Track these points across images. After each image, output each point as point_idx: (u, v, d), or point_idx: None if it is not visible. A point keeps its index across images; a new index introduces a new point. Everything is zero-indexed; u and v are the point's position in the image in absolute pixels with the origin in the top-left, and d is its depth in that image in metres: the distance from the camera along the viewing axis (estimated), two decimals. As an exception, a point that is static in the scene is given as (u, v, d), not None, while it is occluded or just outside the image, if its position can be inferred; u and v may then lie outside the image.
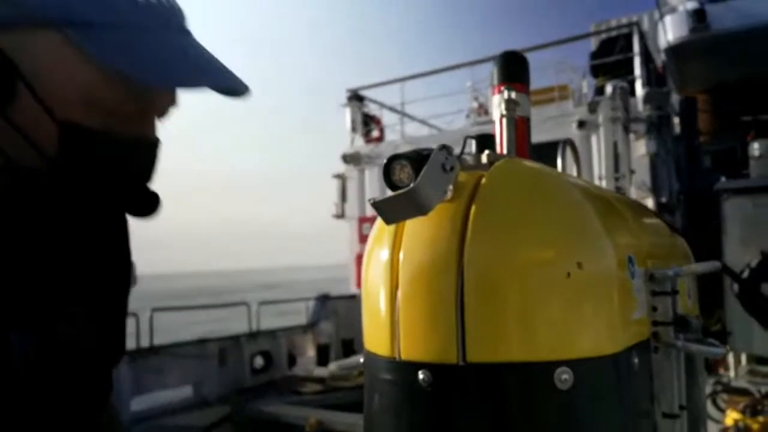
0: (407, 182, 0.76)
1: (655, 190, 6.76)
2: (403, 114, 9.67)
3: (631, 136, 6.90)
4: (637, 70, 7.22)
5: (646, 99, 6.82)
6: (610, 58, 7.86)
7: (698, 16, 8.35)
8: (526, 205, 0.81)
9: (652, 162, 6.76)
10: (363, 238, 8.95)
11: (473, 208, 0.80)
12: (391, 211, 0.76)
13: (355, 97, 9.44)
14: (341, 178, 9.57)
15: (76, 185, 0.61)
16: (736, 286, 2.48)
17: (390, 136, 9.74)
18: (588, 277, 0.79)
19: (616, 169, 2.88)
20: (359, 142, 9.48)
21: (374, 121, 9.74)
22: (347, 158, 9.21)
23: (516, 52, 1.10)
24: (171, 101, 0.70)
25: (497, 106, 1.07)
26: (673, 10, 8.73)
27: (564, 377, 0.75)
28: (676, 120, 8.78)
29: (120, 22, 0.60)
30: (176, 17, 0.67)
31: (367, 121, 9.54)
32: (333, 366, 6.12)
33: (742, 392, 3.84)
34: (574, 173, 1.55)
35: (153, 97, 0.67)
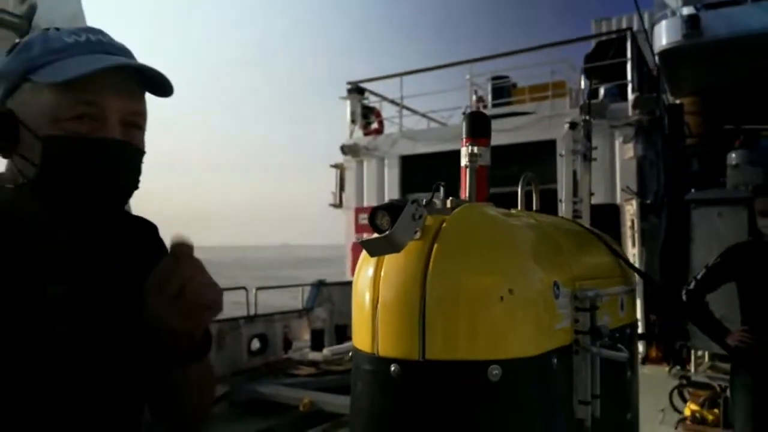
0: (386, 227, 1.04)
1: (641, 192, 7.03)
2: (402, 107, 9.90)
3: (620, 139, 7.18)
4: (629, 75, 7.46)
5: (635, 104, 7.07)
6: (603, 62, 8.10)
7: (692, 22, 8.59)
8: (475, 245, 1.10)
9: (639, 165, 7.03)
10: (359, 228, 9.20)
11: (435, 246, 1.08)
12: (374, 248, 1.04)
13: (356, 90, 9.68)
14: (339, 168, 9.82)
15: (56, 177, 0.86)
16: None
17: (389, 129, 9.99)
18: (517, 299, 1.07)
19: (575, 194, 3.18)
20: (358, 134, 9.73)
21: (374, 114, 9.97)
22: (346, 149, 9.46)
23: (480, 113, 1.39)
24: (127, 111, 0.91)
25: (464, 157, 1.35)
26: (667, 15, 8.96)
27: (494, 372, 1.04)
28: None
29: (57, 57, 0.88)
30: (102, 43, 0.92)
31: (366, 113, 9.78)
32: (326, 351, 6.45)
33: (705, 386, 4.16)
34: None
35: (102, 103, 0.88)
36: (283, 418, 4.75)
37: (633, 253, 6.52)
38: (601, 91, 7.73)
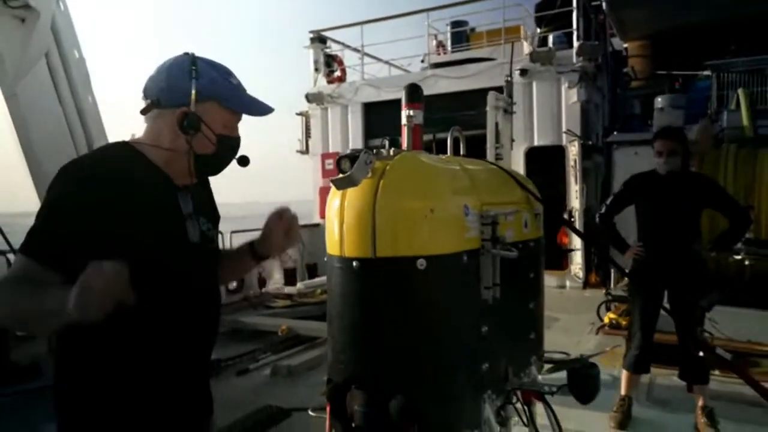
0: (348, 170, 1.56)
1: (585, 134, 7.64)
2: (364, 54, 10.20)
3: (565, 85, 7.72)
4: (574, 23, 7.90)
5: (579, 51, 7.57)
6: (552, 12, 8.52)
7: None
8: (408, 180, 1.63)
9: (583, 109, 7.60)
10: (326, 173, 9.65)
11: (381, 182, 1.60)
12: (340, 184, 1.57)
13: (318, 39, 9.92)
14: (304, 116, 10.16)
15: (221, 155, 1.52)
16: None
17: (351, 76, 10.31)
18: (436, 216, 1.60)
19: (497, 140, 3.73)
20: (322, 82, 10.03)
21: (336, 62, 10.25)
22: (310, 97, 9.78)
23: (415, 85, 1.89)
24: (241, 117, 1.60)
25: (403, 118, 1.86)
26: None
27: (421, 263, 1.57)
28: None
29: (232, 92, 1.52)
30: (242, 86, 1.58)
31: (329, 61, 10.06)
32: (300, 285, 7.04)
33: (625, 300, 4.90)
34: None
35: (239, 119, 1.57)
36: (264, 342, 5.35)
37: (575, 189, 7.18)
38: (551, 38, 8.20)
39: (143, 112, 1.51)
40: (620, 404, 3.37)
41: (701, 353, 3.11)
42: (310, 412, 3.37)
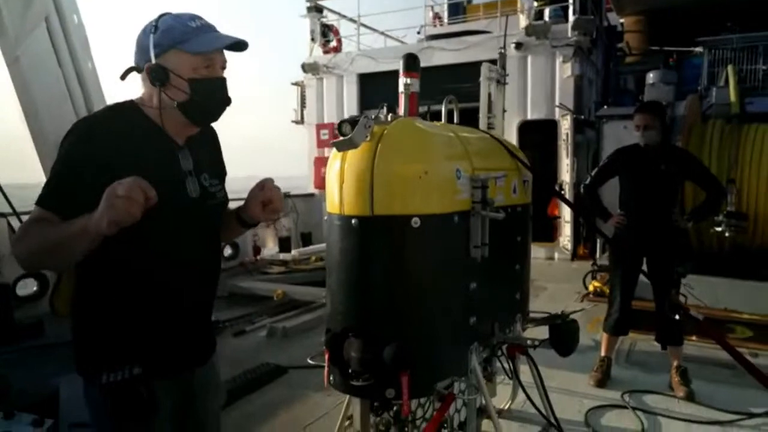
0: (348, 133, 1.68)
1: (578, 108, 7.73)
2: (360, 24, 10.18)
3: (560, 59, 7.79)
4: (570, -2, 7.93)
5: (574, 26, 7.61)
6: (549, -15, 8.53)
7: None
8: (404, 144, 1.75)
9: (576, 83, 7.68)
10: (320, 143, 9.71)
11: (379, 145, 1.73)
12: (341, 146, 1.69)
13: (315, 8, 9.90)
14: (300, 85, 10.18)
15: (199, 99, 1.54)
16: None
17: (347, 47, 10.31)
18: (430, 178, 1.73)
19: (490, 110, 3.82)
20: (318, 52, 10.03)
21: (332, 32, 10.24)
22: (306, 67, 9.79)
23: (413, 54, 2.00)
24: (223, 61, 1.60)
25: (401, 86, 1.97)
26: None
27: (415, 221, 1.71)
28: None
29: (192, 35, 1.52)
30: (209, 26, 1.56)
31: (325, 31, 10.05)
32: (295, 252, 7.19)
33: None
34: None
35: (214, 59, 1.56)
36: (260, 306, 5.52)
37: (567, 163, 7.31)
38: (546, 12, 8.22)
39: (122, 77, 1.58)
40: (600, 364, 3.55)
41: (676, 316, 3.28)
42: (309, 360, 3.56)
